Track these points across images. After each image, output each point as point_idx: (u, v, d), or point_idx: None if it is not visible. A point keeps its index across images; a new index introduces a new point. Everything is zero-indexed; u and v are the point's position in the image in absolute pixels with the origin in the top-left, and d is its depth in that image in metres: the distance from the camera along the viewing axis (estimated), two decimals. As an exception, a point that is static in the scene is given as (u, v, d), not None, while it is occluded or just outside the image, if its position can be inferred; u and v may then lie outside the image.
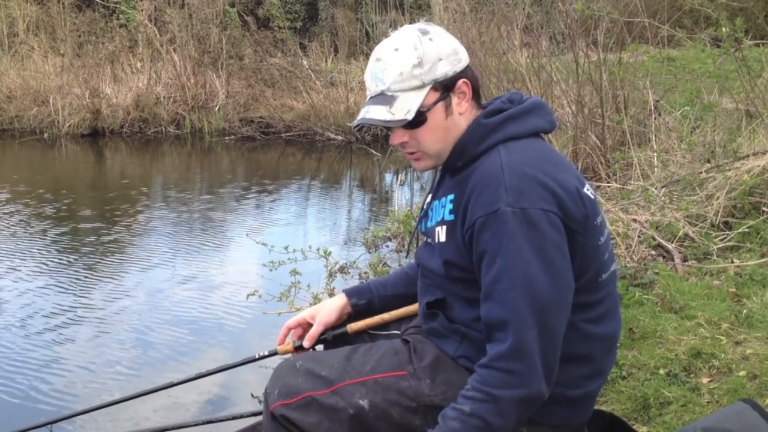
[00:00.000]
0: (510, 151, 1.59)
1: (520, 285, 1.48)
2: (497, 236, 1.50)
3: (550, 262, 1.50)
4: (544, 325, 1.49)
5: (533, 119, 1.66)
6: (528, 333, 1.48)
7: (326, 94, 12.35)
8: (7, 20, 14.36)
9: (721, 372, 2.67)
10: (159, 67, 13.10)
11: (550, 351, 1.51)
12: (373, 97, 1.65)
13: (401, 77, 1.60)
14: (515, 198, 1.50)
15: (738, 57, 4.95)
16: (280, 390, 1.72)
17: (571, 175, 1.60)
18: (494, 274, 1.51)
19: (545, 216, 1.50)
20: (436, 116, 1.63)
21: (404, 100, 1.61)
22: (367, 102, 1.66)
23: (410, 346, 1.75)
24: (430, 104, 1.62)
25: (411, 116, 1.60)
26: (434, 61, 1.60)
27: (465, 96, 1.65)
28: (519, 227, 1.49)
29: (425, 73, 1.60)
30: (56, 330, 4.39)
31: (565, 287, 1.53)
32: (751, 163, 4.68)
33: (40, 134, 12.23)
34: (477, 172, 1.59)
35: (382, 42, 1.66)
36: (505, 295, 1.50)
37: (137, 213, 7.28)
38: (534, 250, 1.49)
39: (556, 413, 1.65)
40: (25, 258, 5.73)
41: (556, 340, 1.52)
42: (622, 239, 4.16)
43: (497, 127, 1.62)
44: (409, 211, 5.78)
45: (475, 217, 1.54)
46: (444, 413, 1.55)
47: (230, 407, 3.47)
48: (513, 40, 8.01)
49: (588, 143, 6.45)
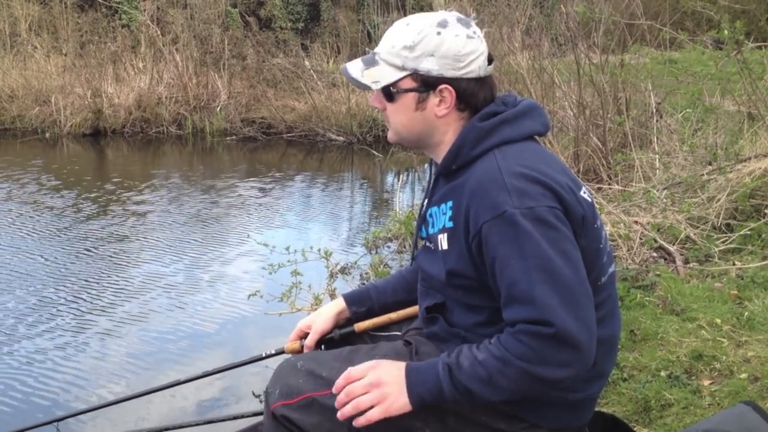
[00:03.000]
0: (505, 154, 1.57)
1: (546, 281, 1.46)
2: (509, 239, 1.48)
3: (569, 255, 1.48)
4: (577, 313, 1.46)
5: (527, 122, 1.64)
6: (568, 325, 1.44)
7: (328, 94, 12.35)
8: (9, 20, 14.37)
9: (723, 374, 2.67)
10: (161, 67, 13.10)
11: (593, 336, 1.48)
12: (369, 54, 1.68)
13: (392, 49, 1.62)
14: (519, 199, 1.49)
15: (739, 59, 4.95)
16: (281, 390, 1.72)
17: (567, 178, 1.59)
18: (514, 275, 1.48)
19: (552, 212, 1.49)
20: (405, 102, 1.63)
21: (380, 70, 1.63)
22: (364, 55, 1.70)
23: (412, 348, 1.75)
24: (402, 88, 1.62)
25: (376, 87, 1.63)
26: (425, 53, 1.59)
27: (445, 102, 1.62)
28: (532, 226, 1.47)
29: (409, 59, 1.60)
30: (61, 329, 4.40)
31: (586, 278, 1.51)
32: (752, 166, 4.68)
33: (41, 134, 12.24)
34: (474, 177, 1.57)
35: (417, 14, 1.68)
36: (532, 294, 1.46)
37: (138, 213, 7.28)
38: (552, 246, 1.47)
39: (557, 416, 1.65)
40: (26, 257, 5.73)
41: (593, 329, 1.49)
42: (624, 241, 4.16)
43: (492, 130, 1.60)
44: (411, 212, 5.78)
45: (481, 222, 1.51)
46: (461, 349, 1.55)
47: (231, 407, 3.47)
48: (514, 41, 8.01)
49: (589, 145, 6.45)
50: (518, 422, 1.63)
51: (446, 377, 1.52)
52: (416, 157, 9.89)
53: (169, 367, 3.95)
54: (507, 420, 1.63)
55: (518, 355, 1.46)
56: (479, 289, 1.58)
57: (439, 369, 1.54)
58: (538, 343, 1.45)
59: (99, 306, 4.76)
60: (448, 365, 1.53)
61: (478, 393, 1.51)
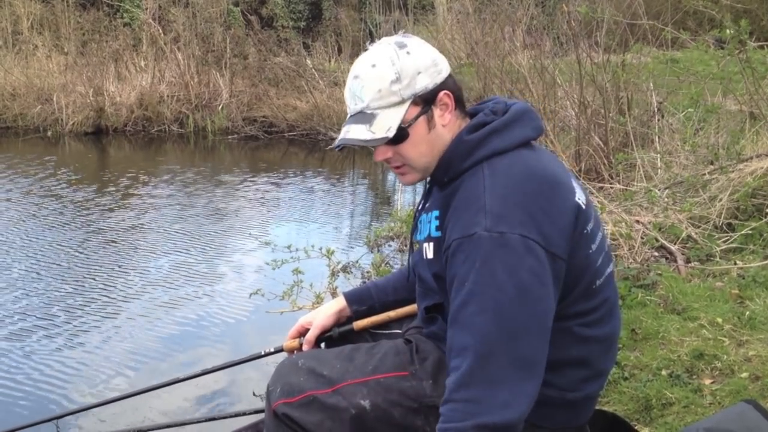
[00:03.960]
0: (494, 170, 1.54)
1: (490, 309, 1.42)
2: (470, 260, 1.45)
3: (525, 288, 1.43)
4: (515, 352, 1.42)
5: (517, 130, 1.60)
6: (492, 360, 1.41)
7: (329, 93, 12.33)
8: (11, 18, 14.37)
9: (724, 373, 2.67)
10: (162, 65, 13.11)
11: (526, 379, 1.43)
12: (353, 115, 1.60)
13: (380, 94, 1.56)
14: (494, 222, 1.45)
15: (742, 59, 4.94)
16: (282, 388, 1.72)
17: (560, 188, 1.55)
18: (463, 298, 1.45)
19: (523, 242, 1.44)
20: (419, 130, 1.59)
21: (384, 117, 1.57)
22: (347, 121, 1.61)
23: (412, 346, 1.75)
24: (411, 119, 1.58)
25: (392, 134, 1.56)
26: (413, 75, 1.56)
27: (447, 107, 1.61)
28: (494, 251, 1.43)
29: (404, 89, 1.56)
30: (61, 326, 4.40)
31: (542, 313, 1.46)
32: (754, 165, 4.68)
33: (43, 132, 12.25)
34: (460, 192, 1.56)
35: (360, 58, 1.62)
36: (473, 319, 1.43)
37: (138, 211, 7.29)
38: (508, 275, 1.42)
39: (557, 416, 1.65)
40: (26, 256, 5.74)
41: (533, 366, 1.45)
42: (625, 240, 4.15)
43: (480, 142, 1.57)
44: (412, 211, 5.78)
45: (452, 239, 1.50)
46: None
47: (233, 405, 3.48)
48: (516, 41, 8.01)
49: (591, 144, 6.45)
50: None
51: None
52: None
53: (170, 364, 3.95)
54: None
55: (461, 417, 1.42)
56: None
57: None
58: (475, 391, 1.41)
59: (98, 304, 4.77)
60: None
61: None
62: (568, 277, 1.53)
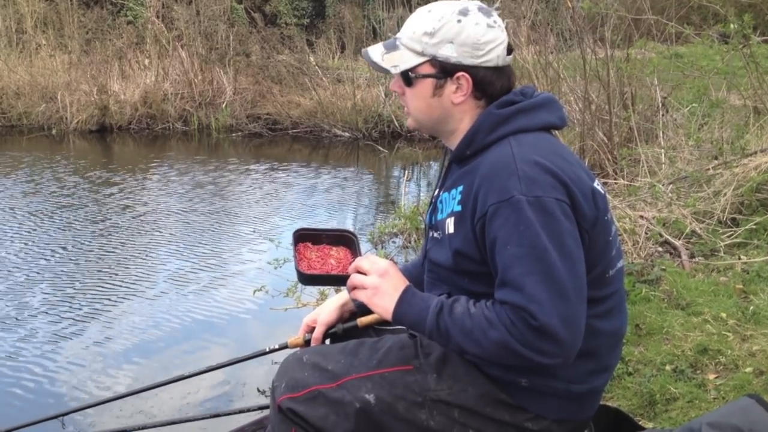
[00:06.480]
0: (520, 142, 1.59)
1: (539, 272, 1.46)
2: (511, 223, 1.49)
3: (568, 251, 1.48)
4: (564, 310, 1.46)
5: (543, 114, 1.65)
6: (552, 321, 1.45)
7: (333, 90, 12.33)
8: (15, 17, 14.39)
9: (728, 368, 2.67)
10: (166, 63, 13.11)
11: (573, 335, 1.48)
12: (391, 39, 1.71)
13: (412, 35, 1.65)
14: (528, 187, 1.49)
15: (746, 53, 4.94)
16: (287, 383, 1.73)
17: (581, 171, 1.60)
18: (509, 259, 1.49)
19: (559, 205, 1.50)
20: (423, 88, 1.66)
21: (401, 55, 1.66)
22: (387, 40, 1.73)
23: (417, 340, 1.76)
24: (420, 74, 1.65)
25: (396, 71, 1.66)
26: (444, 39, 1.61)
27: (462, 89, 1.64)
28: (535, 215, 1.48)
29: (429, 45, 1.62)
30: (67, 323, 4.42)
31: (582, 276, 1.51)
32: (758, 160, 4.68)
33: (48, 130, 12.26)
34: (486, 162, 1.59)
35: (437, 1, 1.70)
36: (523, 280, 1.47)
37: (143, 207, 7.30)
38: (551, 238, 1.47)
39: (561, 408, 1.65)
40: (30, 254, 5.76)
41: (579, 327, 1.49)
42: (629, 236, 4.15)
43: (508, 118, 1.62)
44: (416, 207, 5.78)
45: (488, 205, 1.53)
46: (460, 297, 1.59)
47: (237, 401, 3.49)
48: (520, 36, 8.00)
49: (595, 140, 6.44)
50: (522, 413, 1.64)
51: (434, 312, 1.57)
52: (421, 153, 9.89)
53: (174, 362, 3.96)
54: (511, 411, 1.64)
55: (505, 325, 1.48)
56: (485, 276, 1.58)
57: (432, 303, 1.59)
58: (523, 327, 1.47)
59: (103, 301, 4.78)
60: (442, 303, 1.58)
61: (454, 339, 1.55)
62: (592, 254, 1.57)
